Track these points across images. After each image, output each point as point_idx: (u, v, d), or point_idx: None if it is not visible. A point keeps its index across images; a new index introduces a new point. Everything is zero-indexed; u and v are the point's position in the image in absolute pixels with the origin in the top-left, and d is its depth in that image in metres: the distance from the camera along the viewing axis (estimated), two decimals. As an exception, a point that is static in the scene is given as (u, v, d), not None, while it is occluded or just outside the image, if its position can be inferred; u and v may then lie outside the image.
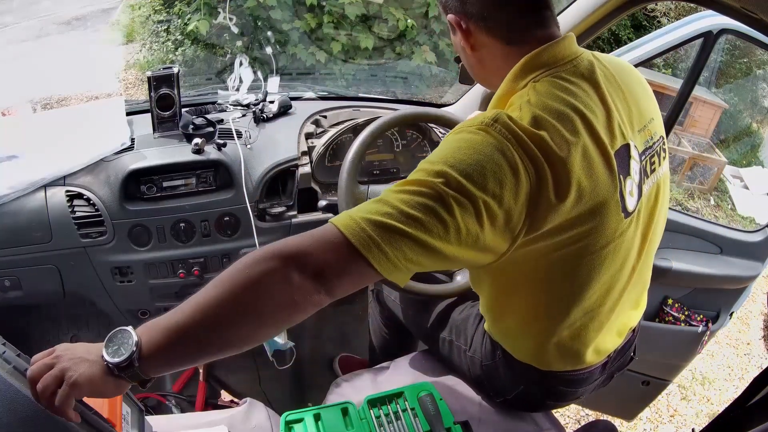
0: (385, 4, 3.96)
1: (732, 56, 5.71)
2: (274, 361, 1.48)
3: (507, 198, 0.74)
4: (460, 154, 0.75)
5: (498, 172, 0.74)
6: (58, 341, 1.73)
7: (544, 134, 0.76)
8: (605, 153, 0.81)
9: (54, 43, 4.87)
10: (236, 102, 1.61)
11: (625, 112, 0.87)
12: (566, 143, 0.77)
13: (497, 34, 0.86)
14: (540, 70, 0.84)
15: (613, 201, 0.82)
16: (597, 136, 0.81)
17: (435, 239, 0.72)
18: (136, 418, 0.89)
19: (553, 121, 0.78)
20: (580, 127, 0.79)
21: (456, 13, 0.87)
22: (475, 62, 0.92)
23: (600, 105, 0.83)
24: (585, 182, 0.78)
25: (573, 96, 0.81)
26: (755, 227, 1.83)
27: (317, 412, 1.06)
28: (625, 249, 0.89)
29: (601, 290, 0.91)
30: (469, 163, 0.74)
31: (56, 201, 1.33)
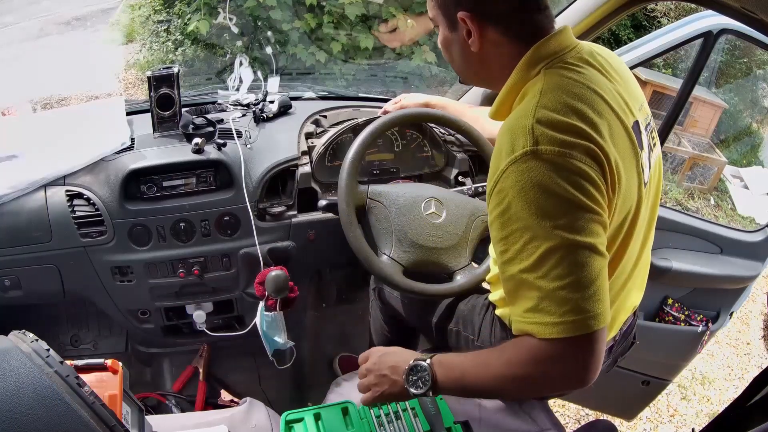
0: (385, 4, 3.96)
1: (732, 56, 5.71)
2: (274, 361, 1.49)
3: (599, 197, 0.78)
4: (541, 203, 0.76)
5: (581, 189, 0.76)
6: (58, 341, 1.75)
7: (579, 124, 0.78)
8: (626, 128, 0.85)
9: (54, 43, 4.86)
10: (236, 102, 1.61)
11: (625, 92, 0.90)
12: (596, 126, 0.80)
13: (514, 32, 0.86)
14: (548, 58, 0.86)
15: (637, 174, 0.86)
16: (616, 113, 0.84)
17: (603, 263, 0.78)
18: (136, 418, 0.89)
19: (579, 104, 0.80)
20: (602, 106, 0.82)
21: (469, 11, 0.85)
22: (476, 60, 0.91)
23: (608, 85, 0.87)
24: (618, 158, 0.81)
25: (585, 78, 0.84)
26: (755, 227, 1.83)
27: (317, 411, 1.07)
28: (641, 221, 0.92)
29: (618, 266, 0.93)
30: (556, 206, 0.76)
31: (56, 201, 1.33)
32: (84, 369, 0.83)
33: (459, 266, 1.32)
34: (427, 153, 1.63)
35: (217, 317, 1.60)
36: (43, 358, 0.68)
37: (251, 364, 1.76)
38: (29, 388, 0.65)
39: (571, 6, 1.43)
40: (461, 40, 0.89)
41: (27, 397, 0.64)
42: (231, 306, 1.59)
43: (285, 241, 1.47)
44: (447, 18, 0.90)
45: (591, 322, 0.75)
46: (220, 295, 1.54)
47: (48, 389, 0.65)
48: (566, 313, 0.75)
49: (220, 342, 1.61)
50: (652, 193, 0.96)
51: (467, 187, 1.51)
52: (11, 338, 0.71)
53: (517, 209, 0.77)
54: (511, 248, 0.79)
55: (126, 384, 0.88)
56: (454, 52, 0.94)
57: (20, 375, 0.65)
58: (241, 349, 1.74)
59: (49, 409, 0.64)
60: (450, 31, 0.91)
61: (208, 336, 1.58)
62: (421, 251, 1.31)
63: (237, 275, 1.49)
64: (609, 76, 0.89)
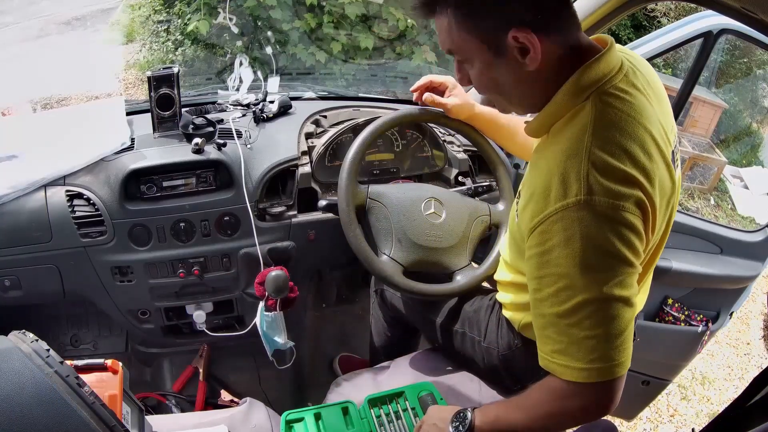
0: (385, 4, 3.96)
1: (732, 56, 5.71)
2: (274, 361, 1.49)
3: (640, 248, 0.79)
4: (587, 255, 0.75)
5: (628, 243, 0.76)
6: (58, 341, 1.75)
7: (632, 171, 0.76)
8: (667, 164, 0.83)
9: (54, 43, 4.86)
10: (236, 102, 1.61)
11: (663, 116, 0.87)
12: (647, 172, 0.78)
13: (568, 41, 0.81)
14: (597, 83, 0.81)
15: (668, 204, 0.86)
16: (661, 150, 0.82)
17: (633, 314, 0.81)
18: (136, 418, 0.89)
19: (632, 146, 0.77)
20: (651, 146, 0.80)
21: (524, 27, 0.76)
22: (529, 81, 0.83)
23: (653, 115, 0.83)
24: (659, 200, 0.81)
25: (635, 110, 0.80)
26: (755, 227, 1.83)
27: (318, 411, 1.07)
28: (659, 243, 0.95)
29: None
30: (600, 259, 0.76)
31: (56, 201, 1.33)
32: (84, 369, 0.83)
33: (459, 266, 1.32)
34: (427, 153, 1.63)
35: (217, 317, 1.60)
36: (43, 358, 0.68)
37: (251, 364, 1.76)
38: (29, 388, 0.65)
39: (571, 6, 1.43)
40: (512, 63, 0.80)
41: (27, 397, 0.64)
42: (231, 306, 1.59)
43: (285, 241, 1.47)
44: (490, 45, 0.80)
45: (615, 369, 0.78)
46: (220, 295, 1.54)
47: (48, 389, 0.65)
48: (593, 360, 0.77)
49: (220, 342, 1.61)
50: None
51: (467, 187, 1.51)
52: (11, 338, 0.71)
53: (559, 256, 0.76)
54: (545, 289, 0.80)
55: (126, 384, 0.88)
56: (503, 79, 0.83)
57: (20, 375, 0.65)
58: (241, 349, 1.74)
59: (49, 409, 0.64)
60: (496, 58, 0.81)
61: (208, 336, 1.58)
62: (421, 251, 1.31)
63: (237, 275, 1.49)
64: (651, 101, 0.85)
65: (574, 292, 0.76)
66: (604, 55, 0.82)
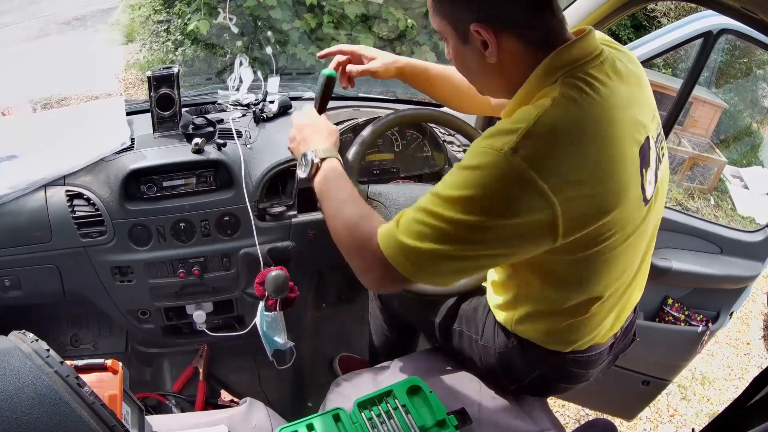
0: (385, 4, 3.96)
1: (732, 56, 5.71)
2: (274, 361, 1.48)
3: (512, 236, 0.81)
4: (471, 193, 0.78)
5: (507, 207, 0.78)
6: (58, 341, 1.75)
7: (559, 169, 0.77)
8: (628, 158, 0.82)
9: (54, 43, 4.87)
10: (236, 102, 1.61)
11: (643, 102, 0.88)
12: (570, 179, 0.77)
13: (530, 39, 0.83)
14: (569, 66, 0.82)
15: (635, 196, 0.84)
16: (618, 145, 0.81)
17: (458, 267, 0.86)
18: (136, 418, 0.89)
19: (574, 146, 0.78)
20: (603, 143, 0.80)
21: (484, 22, 0.81)
22: (494, 70, 0.87)
23: (626, 101, 0.84)
24: (612, 187, 0.80)
25: (603, 97, 0.81)
26: (755, 227, 1.83)
27: (310, 422, 1.07)
28: (643, 235, 0.92)
29: (624, 270, 0.94)
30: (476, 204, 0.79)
31: (56, 201, 1.33)
32: (84, 369, 0.83)
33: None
34: (427, 153, 1.63)
35: (217, 317, 1.60)
36: (43, 358, 0.68)
37: (251, 364, 1.76)
38: (29, 388, 0.65)
39: (571, 6, 1.43)
40: (476, 53, 0.85)
41: (27, 397, 0.64)
42: (231, 306, 1.59)
43: (285, 241, 1.47)
44: (458, 31, 0.86)
45: (404, 267, 0.83)
46: (220, 295, 1.54)
47: (48, 389, 0.65)
48: (403, 253, 0.83)
49: (220, 342, 1.61)
50: (657, 203, 0.94)
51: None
52: (11, 338, 0.71)
53: (454, 173, 0.81)
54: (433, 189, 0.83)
55: (126, 384, 0.88)
56: (470, 65, 0.90)
57: (20, 375, 0.65)
58: (241, 349, 1.74)
59: (49, 409, 0.64)
60: (462, 44, 0.87)
61: (208, 336, 1.58)
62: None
63: (237, 275, 1.49)
64: (630, 86, 0.86)
65: (441, 204, 0.80)
66: (578, 41, 0.84)
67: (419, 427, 1.06)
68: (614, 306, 1.02)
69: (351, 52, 1.25)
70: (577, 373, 1.12)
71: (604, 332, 1.06)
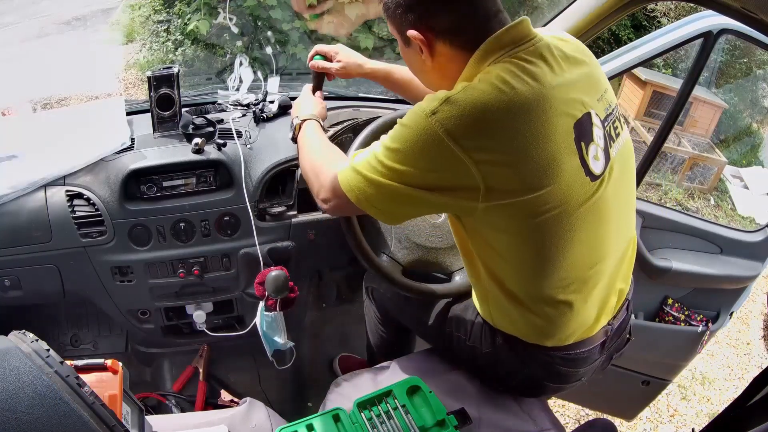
0: (375, 15, 3.96)
1: (732, 56, 5.71)
2: (274, 361, 1.49)
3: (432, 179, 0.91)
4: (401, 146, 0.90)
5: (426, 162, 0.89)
6: (58, 341, 1.75)
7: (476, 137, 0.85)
8: (558, 130, 0.87)
9: (54, 43, 4.86)
10: (236, 102, 1.61)
11: (587, 84, 0.94)
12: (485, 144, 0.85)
13: (461, 44, 0.93)
14: (500, 52, 0.90)
15: (571, 170, 0.88)
16: (547, 118, 0.86)
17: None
18: (136, 418, 0.89)
19: (494, 120, 0.85)
20: (533, 106, 0.86)
21: (418, 29, 0.93)
22: (433, 71, 0.98)
23: (560, 80, 0.90)
24: (539, 159, 0.85)
25: (528, 74, 0.87)
26: (755, 227, 1.83)
27: (310, 422, 1.07)
28: (601, 211, 0.95)
29: (587, 251, 0.96)
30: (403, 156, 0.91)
31: (56, 201, 1.33)
32: (84, 369, 0.83)
33: (458, 266, 1.32)
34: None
35: (217, 317, 1.60)
36: (43, 358, 0.68)
37: (251, 364, 1.76)
38: (29, 388, 0.65)
39: (571, 6, 1.43)
40: (417, 54, 0.97)
41: (27, 397, 0.64)
42: (231, 306, 1.59)
43: (285, 241, 1.47)
44: (401, 35, 0.97)
45: (354, 194, 0.94)
46: (220, 295, 1.54)
47: (48, 389, 0.65)
48: (356, 182, 0.94)
49: (220, 342, 1.61)
50: (613, 183, 0.96)
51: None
52: (11, 338, 0.71)
53: (394, 132, 0.91)
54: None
55: (126, 384, 0.88)
56: (414, 65, 1.02)
57: (20, 375, 0.65)
58: (241, 349, 1.74)
59: (49, 409, 0.64)
60: (406, 46, 0.99)
61: (208, 336, 1.58)
62: (421, 251, 1.31)
63: (237, 275, 1.49)
64: (565, 69, 0.91)
65: (382, 151, 0.91)
66: (509, 28, 0.91)
67: (419, 427, 1.06)
68: (590, 294, 1.01)
69: (327, 52, 1.38)
70: (566, 372, 1.10)
71: (588, 325, 1.05)
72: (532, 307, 1.01)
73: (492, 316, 1.11)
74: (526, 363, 1.11)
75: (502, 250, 0.96)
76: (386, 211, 0.95)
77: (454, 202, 0.90)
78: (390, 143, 0.90)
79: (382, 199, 0.92)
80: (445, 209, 0.96)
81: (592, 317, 1.05)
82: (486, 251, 0.99)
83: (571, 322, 1.02)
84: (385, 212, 0.96)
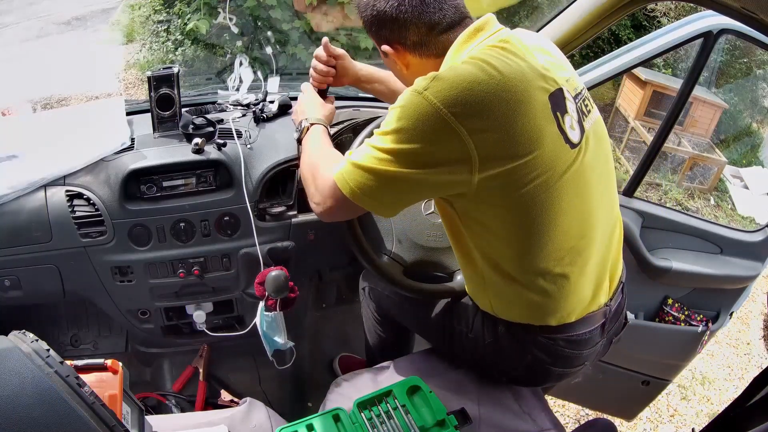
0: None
1: (732, 56, 5.71)
2: (274, 361, 1.48)
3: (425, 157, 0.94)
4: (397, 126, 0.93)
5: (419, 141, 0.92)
6: (58, 341, 1.75)
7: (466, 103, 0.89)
8: (539, 99, 0.93)
9: (54, 43, 4.86)
10: (236, 102, 1.61)
11: (551, 66, 1.01)
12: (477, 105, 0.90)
13: (431, 53, 1.03)
14: (472, 43, 0.99)
15: (552, 137, 0.94)
16: (527, 85, 0.93)
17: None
18: (136, 418, 0.89)
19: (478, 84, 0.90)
20: (511, 78, 0.92)
21: (391, 45, 1.04)
22: (411, 75, 1.04)
23: (532, 60, 0.97)
24: (524, 126, 0.91)
25: (503, 55, 0.94)
26: (755, 227, 1.83)
27: (310, 422, 1.07)
28: (583, 180, 1.00)
29: (575, 221, 0.99)
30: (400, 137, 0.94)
31: (56, 201, 1.33)
32: (84, 369, 0.83)
33: (458, 266, 1.32)
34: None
35: (217, 317, 1.60)
36: (43, 358, 0.68)
37: (251, 364, 1.76)
38: (29, 388, 0.65)
39: (571, 6, 1.43)
40: (394, 64, 1.08)
41: (27, 397, 0.64)
42: (231, 306, 1.59)
43: (285, 241, 1.47)
44: (379, 47, 1.07)
45: (354, 193, 0.96)
46: (220, 295, 1.54)
47: (48, 389, 0.65)
48: (350, 181, 0.97)
49: (220, 342, 1.61)
50: (591, 154, 1.01)
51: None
52: (11, 338, 0.71)
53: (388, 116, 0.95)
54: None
55: (126, 384, 0.88)
56: (395, 72, 1.13)
57: (20, 375, 0.65)
58: (241, 349, 1.74)
59: (49, 409, 0.64)
60: (385, 57, 1.09)
61: (208, 336, 1.58)
62: (422, 251, 1.31)
63: (237, 275, 1.49)
64: (531, 53, 0.99)
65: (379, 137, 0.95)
66: (477, 26, 1.00)
67: (419, 427, 1.06)
68: (585, 267, 1.04)
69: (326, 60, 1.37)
70: (570, 355, 1.11)
71: (587, 302, 1.07)
72: (529, 285, 1.03)
73: (492, 305, 1.11)
74: (528, 349, 1.11)
75: (496, 227, 0.99)
76: (382, 200, 0.97)
77: (450, 177, 0.92)
78: (384, 127, 0.94)
79: (378, 187, 0.95)
80: (441, 189, 0.97)
81: (590, 293, 1.08)
82: (479, 234, 1.02)
83: (570, 297, 1.04)
84: (382, 202, 0.97)
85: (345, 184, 0.97)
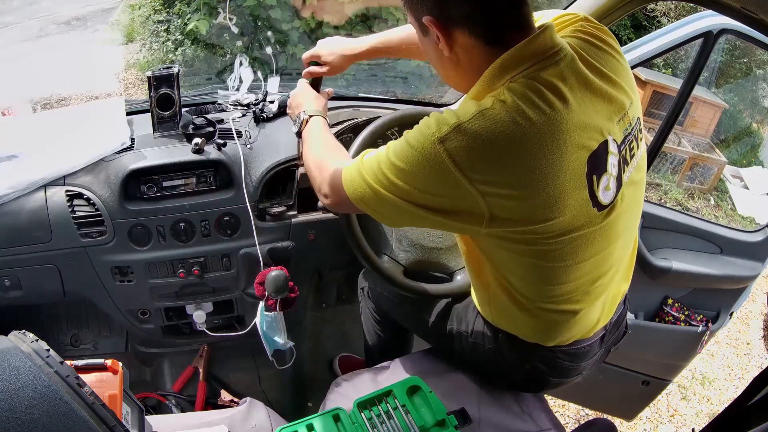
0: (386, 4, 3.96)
1: (732, 56, 5.70)
2: (274, 361, 1.49)
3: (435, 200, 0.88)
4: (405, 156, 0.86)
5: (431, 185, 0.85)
6: (58, 341, 1.75)
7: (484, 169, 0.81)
8: (575, 161, 0.83)
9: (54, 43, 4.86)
10: (236, 102, 1.61)
11: (605, 103, 0.87)
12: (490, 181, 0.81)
13: (479, 33, 0.84)
14: (518, 69, 0.83)
15: (577, 204, 0.85)
16: (564, 146, 0.81)
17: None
18: (136, 418, 0.89)
19: (504, 152, 0.80)
20: (545, 141, 0.80)
21: (433, 16, 0.85)
22: (450, 64, 0.90)
23: (579, 106, 0.83)
24: (546, 195, 0.82)
25: (546, 101, 0.81)
26: (755, 227, 1.83)
27: (310, 422, 1.07)
28: (610, 232, 0.93)
29: (592, 268, 0.95)
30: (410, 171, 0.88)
31: (56, 201, 1.33)
32: (84, 369, 0.83)
33: (459, 266, 1.32)
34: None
35: (217, 317, 1.60)
36: (43, 358, 0.68)
37: (251, 364, 1.76)
38: (29, 388, 0.65)
39: (571, 6, 1.43)
40: (434, 45, 0.89)
41: (27, 397, 0.64)
42: (231, 306, 1.59)
43: (285, 241, 1.47)
44: (417, 22, 0.89)
45: (355, 195, 0.93)
46: (220, 295, 1.54)
47: (48, 389, 0.65)
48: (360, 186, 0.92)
49: (220, 342, 1.61)
50: (624, 206, 0.93)
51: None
52: (11, 338, 0.71)
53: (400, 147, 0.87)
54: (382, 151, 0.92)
55: (126, 384, 0.88)
56: (431, 55, 0.94)
57: (20, 375, 0.65)
58: (241, 349, 1.74)
59: (49, 409, 0.64)
60: (423, 35, 0.92)
61: (208, 336, 1.58)
62: (421, 251, 1.31)
63: (237, 275, 1.49)
64: (583, 94, 0.84)
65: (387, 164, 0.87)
66: (531, 40, 0.83)
67: (419, 427, 1.06)
68: (595, 302, 1.02)
69: (311, 57, 1.31)
70: (569, 366, 1.12)
71: (590, 327, 1.06)
72: (537, 313, 1.01)
73: (493, 317, 1.11)
74: (528, 359, 1.11)
75: (508, 264, 0.96)
76: (386, 216, 0.93)
77: (456, 224, 0.87)
78: (395, 160, 0.86)
79: (383, 206, 0.90)
80: (447, 228, 0.92)
81: (595, 320, 1.06)
82: (492, 251, 0.98)
83: (574, 327, 1.03)
84: (385, 217, 0.94)
85: (352, 189, 0.94)
